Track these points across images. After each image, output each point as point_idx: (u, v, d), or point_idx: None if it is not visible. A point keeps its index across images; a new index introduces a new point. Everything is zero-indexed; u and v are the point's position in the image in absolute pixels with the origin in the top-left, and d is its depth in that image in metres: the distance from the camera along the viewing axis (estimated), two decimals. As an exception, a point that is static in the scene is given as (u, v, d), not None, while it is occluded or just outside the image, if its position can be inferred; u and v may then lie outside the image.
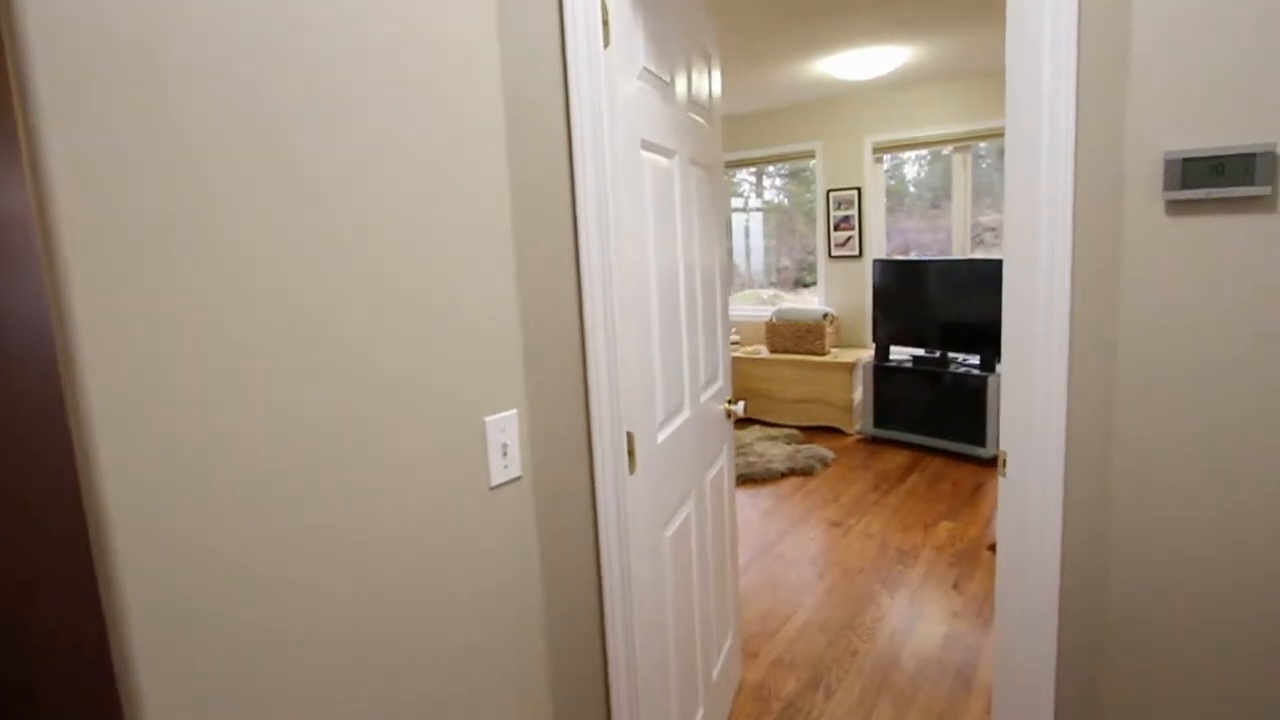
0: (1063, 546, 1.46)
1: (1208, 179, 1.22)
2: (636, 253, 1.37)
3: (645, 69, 1.42)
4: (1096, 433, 1.39)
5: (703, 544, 1.85)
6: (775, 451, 4.55)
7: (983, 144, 4.99)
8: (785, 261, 6.29)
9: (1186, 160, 1.23)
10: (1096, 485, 1.40)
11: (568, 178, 1.29)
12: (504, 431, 1.14)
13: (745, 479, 4.21)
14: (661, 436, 1.52)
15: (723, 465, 2.10)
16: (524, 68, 1.20)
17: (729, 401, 2.13)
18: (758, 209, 6.38)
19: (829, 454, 4.51)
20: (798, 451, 4.54)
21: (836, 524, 3.55)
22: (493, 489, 1.14)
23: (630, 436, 1.35)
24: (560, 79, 1.26)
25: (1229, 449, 1.26)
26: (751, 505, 3.85)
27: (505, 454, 1.15)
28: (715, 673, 1.98)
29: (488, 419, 1.12)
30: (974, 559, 3.10)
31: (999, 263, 4.33)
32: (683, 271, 1.66)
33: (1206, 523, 1.30)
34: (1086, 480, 1.41)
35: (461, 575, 1.09)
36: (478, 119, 1.10)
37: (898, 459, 4.48)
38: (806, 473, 4.27)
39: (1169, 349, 1.28)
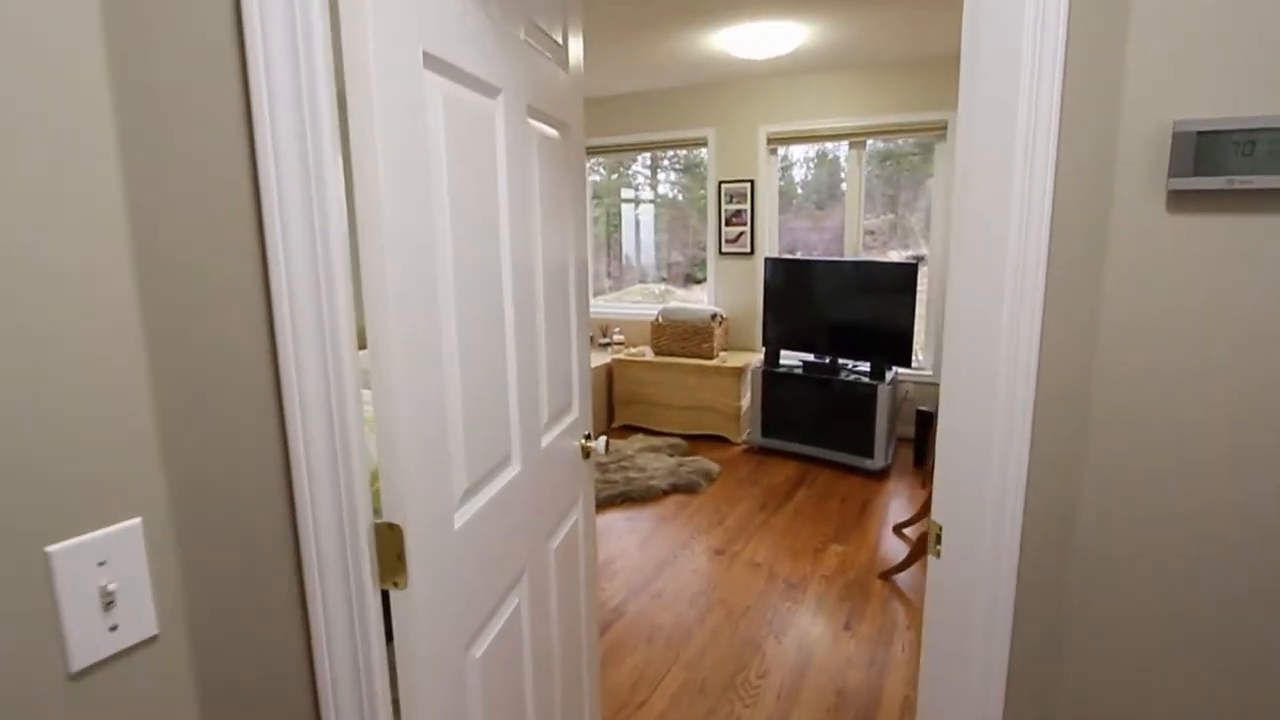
0: (1011, 651, 1.09)
1: (1232, 161, 0.87)
2: (415, 237, 0.86)
3: (439, -52, 0.90)
4: (1062, 515, 1.02)
5: (543, 640, 1.37)
6: (658, 465, 4.15)
7: (871, 142, 4.80)
8: (678, 257, 5.94)
9: (1203, 135, 0.87)
10: (1056, 581, 1.04)
11: (239, 95, 0.75)
12: (107, 565, 0.61)
13: (624, 498, 3.78)
14: (466, 515, 1.02)
15: (576, 520, 1.63)
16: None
17: (586, 437, 1.66)
18: (649, 200, 5.98)
19: (714, 468, 4.16)
20: (681, 465, 4.16)
21: (720, 551, 3.18)
22: (80, 674, 0.60)
23: (392, 532, 0.84)
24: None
25: (1242, 559, 0.92)
26: (629, 531, 3.42)
27: (112, 605, 0.61)
28: (561, 795, 1.51)
29: (57, 549, 0.58)
30: (865, 590, 2.81)
31: (894, 266, 4.12)
32: (510, 266, 1.16)
33: (1194, 628, 0.96)
34: (1045, 577, 1.05)
35: None
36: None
37: (785, 471, 4.20)
38: (690, 490, 3.90)
39: (1158, 410, 0.94)
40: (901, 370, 4.30)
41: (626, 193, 6.19)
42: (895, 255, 5.04)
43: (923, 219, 4.97)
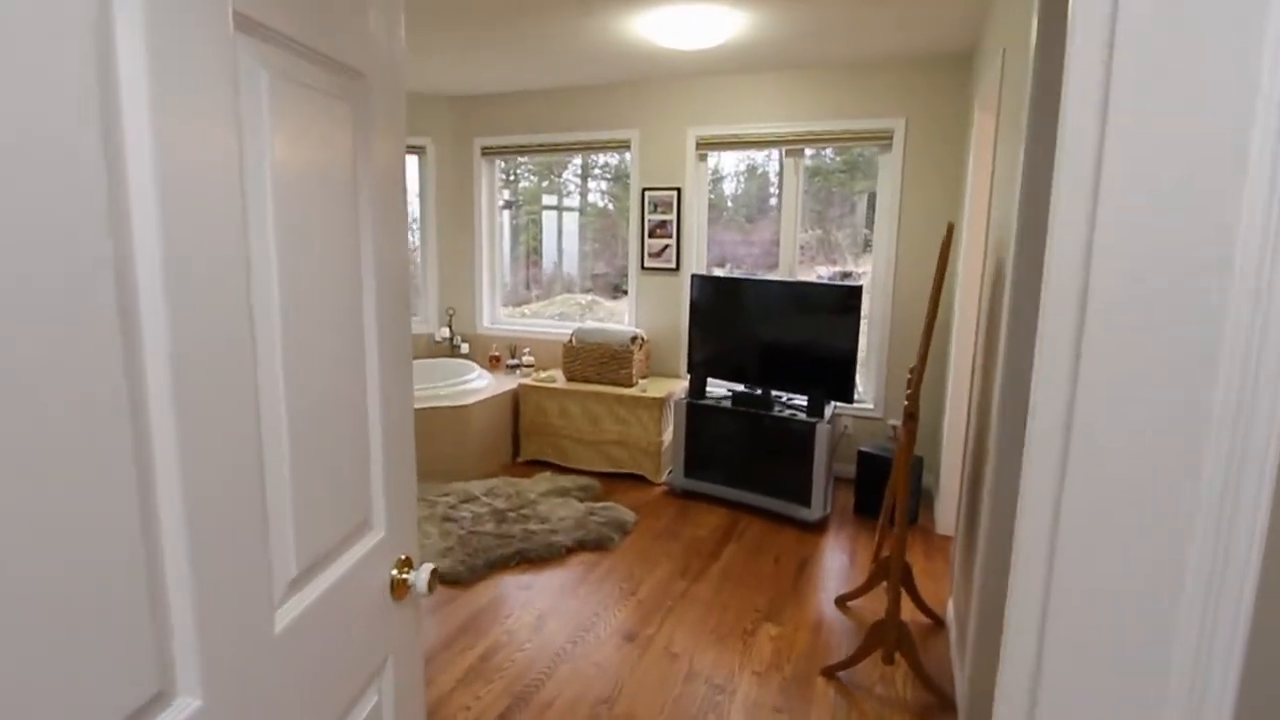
0: None
1: None
2: None
3: None
4: None
5: None
6: (565, 514, 3.54)
7: (811, 152, 4.37)
8: (604, 268, 5.37)
9: None
10: None
11: None
12: None
13: (520, 558, 3.15)
14: None
15: (377, 703, 1.01)
16: None
17: (402, 564, 1.05)
18: (573, 209, 5.39)
19: (630, 517, 3.59)
20: (592, 514, 3.57)
21: (631, 637, 2.60)
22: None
23: None
24: None
25: None
26: (523, 605, 2.79)
27: None
28: None
29: None
30: (806, 691, 2.29)
31: (835, 288, 3.66)
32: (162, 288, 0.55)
33: None
34: None
35: None
36: None
37: (711, 520, 3.67)
38: (600, 547, 3.30)
39: None
40: (841, 405, 3.87)
41: (548, 199, 5.60)
42: (823, 271, 4.62)
43: (850, 235, 4.58)
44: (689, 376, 4.14)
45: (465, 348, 5.10)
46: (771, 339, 3.86)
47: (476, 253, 5.13)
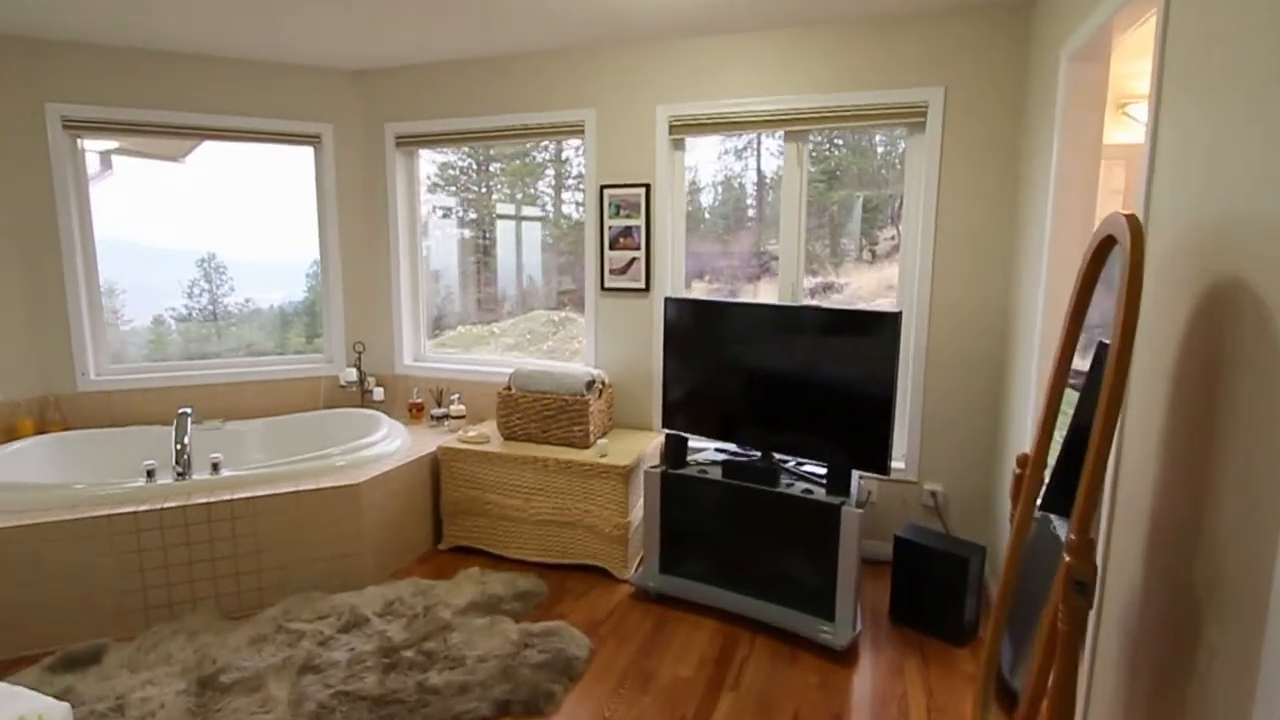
0: None
1: None
2: None
3: None
4: None
5: None
6: (488, 646, 2.46)
7: (818, 132, 3.37)
8: (571, 284, 4.31)
9: None
10: None
11: None
12: None
13: (408, 740, 2.06)
14: None
15: None
16: None
17: None
18: (536, 217, 4.32)
19: (582, 648, 2.51)
20: (527, 643, 2.49)
21: None
22: None
23: None
24: None
25: None
26: None
27: None
28: None
29: None
30: None
31: (868, 316, 2.61)
32: None
33: None
34: None
35: None
36: None
37: (698, 647, 2.61)
38: (534, 710, 2.22)
39: None
40: (869, 474, 2.84)
41: (504, 208, 4.54)
42: (807, 283, 3.60)
43: (827, 243, 3.59)
44: (663, 433, 3.10)
45: (379, 392, 4.00)
46: (775, 385, 2.83)
47: (393, 271, 4.04)
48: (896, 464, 3.19)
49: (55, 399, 3.49)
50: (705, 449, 3.20)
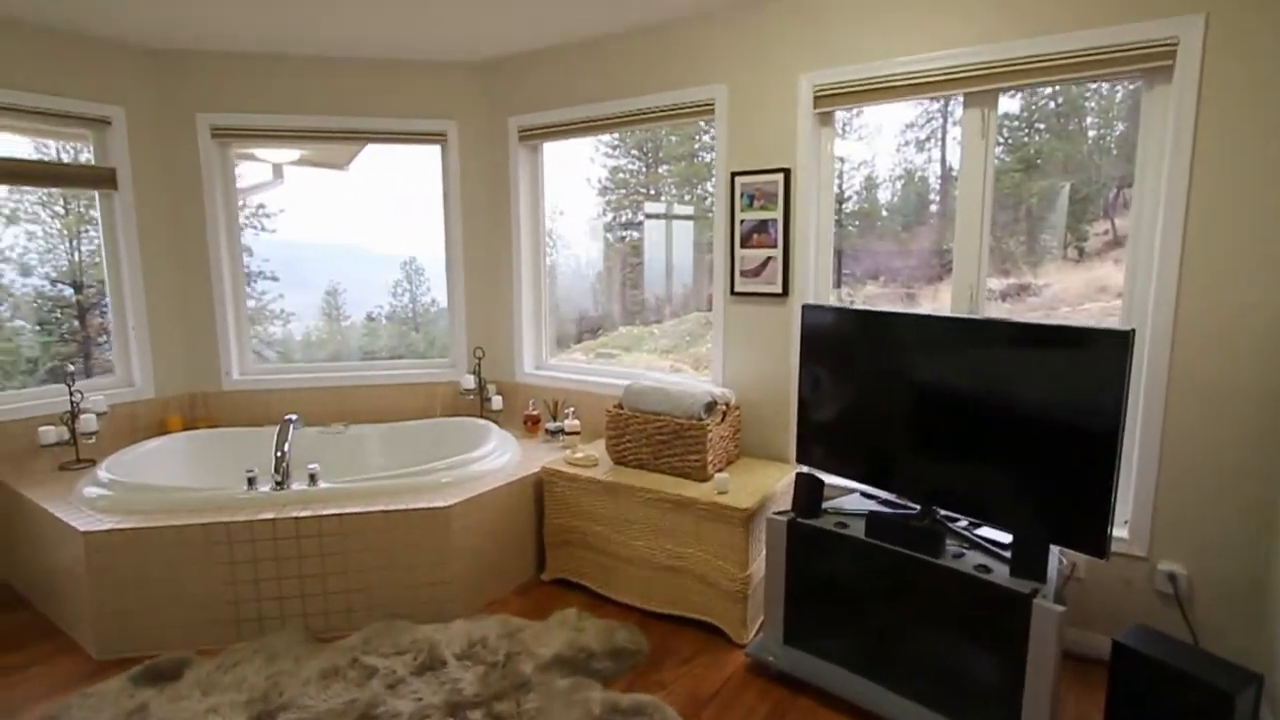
0: None
1: None
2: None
3: None
4: None
5: None
6: (564, 713, 2.07)
7: (1012, 94, 2.63)
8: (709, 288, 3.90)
9: None
10: None
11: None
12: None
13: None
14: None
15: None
16: None
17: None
18: (686, 216, 3.96)
19: (675, 737, 2.04)
20: (615, 712, 2.07)
21: None
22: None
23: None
24: None
25: None
26: None
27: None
28: None
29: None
30: None
31: (1084, 334, 1.88)
32: None
33: None
34: None
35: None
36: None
37: (825, 752, 2.03)
38: (602, 819, 1.79)
39: None
40: (1074, 552, 2.07)
41: (653, 207, 4.22)
42: (994, 285, 2.78)
43: (1022, 239, 2.78)
44: (797, 468, 2.54)
45: (498, 401, 3.79)
46: (943, 418, 2.17)
47: (514, 272, 3.82)
48: (1118, 532, 2.37)
49: (203, 396, 3.64)
50: (847, 493, 2.59)
